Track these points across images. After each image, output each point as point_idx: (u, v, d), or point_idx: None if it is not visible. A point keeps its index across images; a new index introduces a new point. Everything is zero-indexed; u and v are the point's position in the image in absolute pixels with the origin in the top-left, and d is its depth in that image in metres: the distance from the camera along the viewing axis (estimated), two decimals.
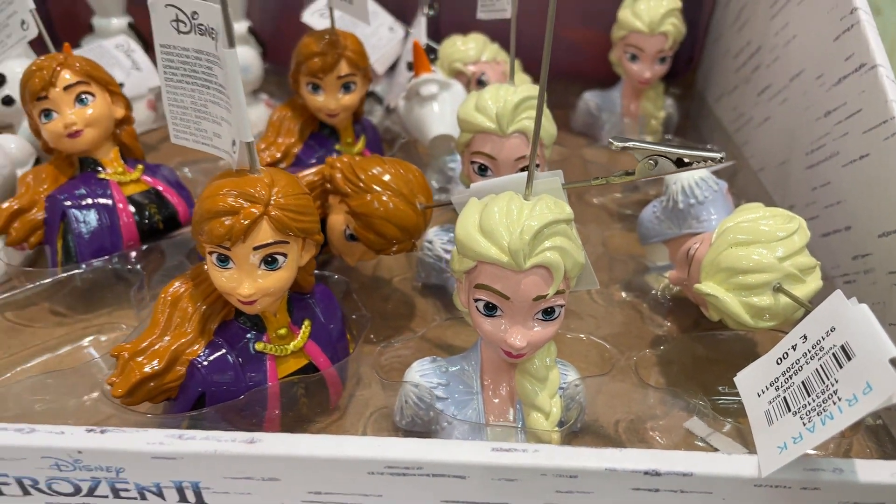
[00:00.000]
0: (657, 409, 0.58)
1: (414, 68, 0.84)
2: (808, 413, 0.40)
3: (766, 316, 0.54)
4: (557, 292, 0.46)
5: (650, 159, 0.46)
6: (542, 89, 0.44)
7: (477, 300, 0.47)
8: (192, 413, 0.51)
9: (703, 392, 0.59)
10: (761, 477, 0.39)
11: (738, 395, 0.46)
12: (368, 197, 0.59)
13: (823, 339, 0.41)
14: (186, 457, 0.41)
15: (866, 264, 0.63)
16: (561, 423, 0.51)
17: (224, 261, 0.48)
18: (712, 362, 0.63)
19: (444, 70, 0.96)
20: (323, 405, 0.57)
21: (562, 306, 0.47)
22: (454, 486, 0.42)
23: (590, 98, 1.07)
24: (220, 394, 0.50)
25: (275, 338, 0.52)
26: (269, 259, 0.48)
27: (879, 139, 0.61)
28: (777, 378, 0.44)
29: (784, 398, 0.42)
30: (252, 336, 0.52)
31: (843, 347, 0.39)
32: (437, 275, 0.72)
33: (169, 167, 0.75)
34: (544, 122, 0.62)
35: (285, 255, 0.48)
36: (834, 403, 0.38)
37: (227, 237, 0.46)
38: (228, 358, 0.51)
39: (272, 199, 0.47)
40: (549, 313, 0.47)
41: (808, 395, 0.40)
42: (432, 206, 0.61)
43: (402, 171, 0.61)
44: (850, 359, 0.38)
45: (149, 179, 0.71)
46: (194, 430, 0.42)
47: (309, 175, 0.62)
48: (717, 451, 0.53)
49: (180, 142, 0.53)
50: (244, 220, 0.46)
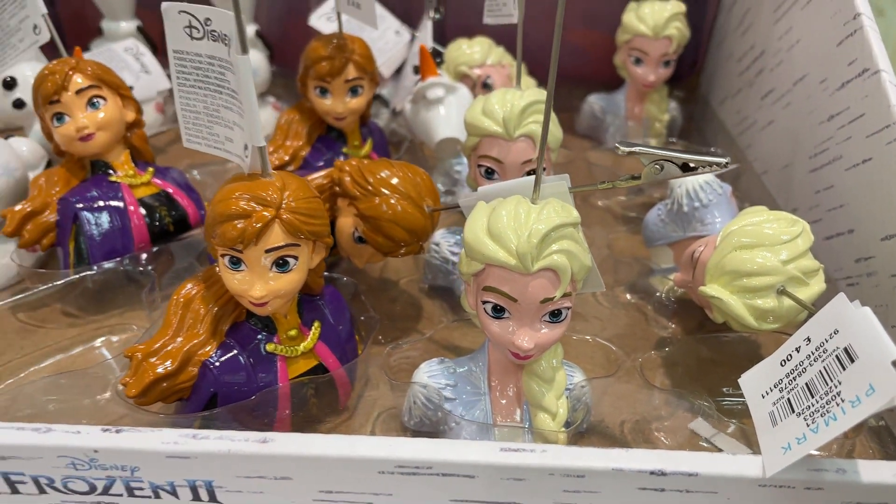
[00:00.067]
0: (662, 409, 0.58)
1: (420, 72, 0.84)
2: (811, 414, 0.40)
3: (770, 318, 0.54)
4: (564, 295, 0.46)
5: (656, 164, 0.47)
6: (549, 95, 0.45)
7: (485, 302, 0.47)
8: (204, 413, 0.52)
9: (708, 393, 0.59)
10: (766, 477, 0.40)
11: (742, 396, 0.47)
12: (377, 200, 0.59)
13: (827, 341, 0.41)
14: (200, 456, 0.42)
15: (869, 267, 0.63)
16: (567, 423, 0.51)
17: (236, 263, 0.48)
18: (716, 364, 0.63)
19: (449, 73, 0.96)
20: (332, 405, 0.57)
21: (568, 308, 0.48)
22: (463, 486, 0.42)
23: (594, 101, 1.07)
24: (232, 394, 0.51)
25: (285, 339, 0.53)
26: (281, 261, 0.48)
27: (882, 143, 0.62)
28: (781, 380, 0.44)
29: (788, 399, 0.42)
30: (263, 337, 0.52)
31: (846, 350, 0.39)
32: (444, 277, 0.72)
33: (178, 169, 0.76)
34: (550, 127, 0.63)
35: (296, 258, 0.49)
36: (837, 405, 0.38)
37: (240, 240, 0.46)
38: (240, 359, 0.51)
39: (284, 202, 0.47)
40: (556, 315, 0.47)
41: (812, 397, 0.41)
42: (440, 209, 0.62)
43: (409, 174, 0.61)
44: (853, 361, 0.39)
45: (159, 182, 0.71)
46: (208, 429, 0.42)
47: (318, 178, 0.63)
48: (722, 452, 0.54)
49: (192, 146, 0.53)
50: (256, 224, 0.46)
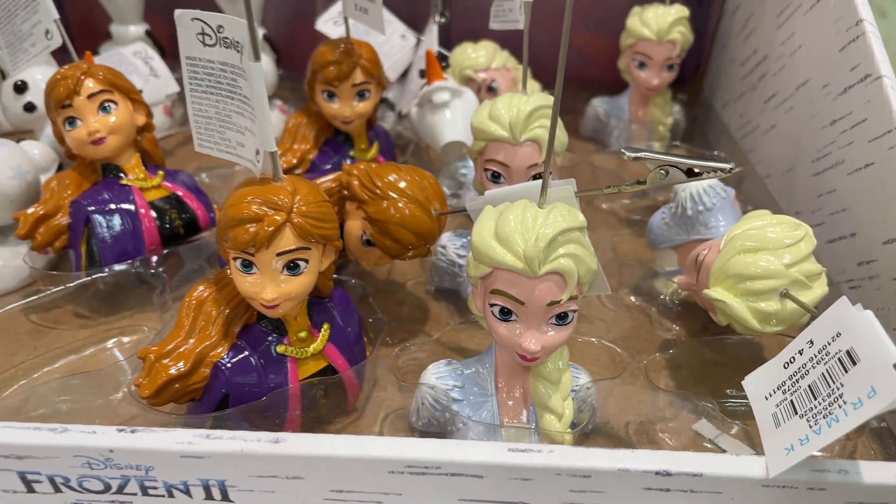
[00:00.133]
0: (666, 411, 0.59)
1: (426, 76, 0.85)
2: (814, 416, 0.40)
3: (773, 321, 0.55)
4: (571, 298, 0.47)
5: (661, 169, 0.47)
6: (556, 101, 0.46)
7: (492, 305, 0.48)
8: (216, 414, 0.52)
9: (712, 395, 0.60)
10: (769, 477, 0.40)
11: (746, 397, 0.47)
12: (385, 203, 0.60)
13: (829, 344, 0.42)
14: (214, 456, 0.42)
15: (871, 270, 0.64)
16: (573, 424, 0.52)
17: (248, 266, 0.49)
18: (720, 366, 0.64)
19: (454, 77, 0.97)
20: (341, 406, 0.58)
21: (575, 311, 0.48)
22: (471, 486, 0.43)
23: (598, 104, 1.08)
24: (244, 395, 0.52)
25: (295, 340, 0.54)
26: (292, 265, 0.49)
27: (884, 148, 0.62)
28: (784, 382, 0.44)
29: (791, 401, 0.43)
30: (273, 339, 0.53)
31: (848, 352, 0.40)
32: (451, 279, 0.73)
33: (187, 172, 0.77)
34: (556, 132, 0.64)
35: (307, 261, 0.50)
36: (839, 407, 0.39)
37: (252, 244, 0.47)
38: (251, 360, 0.52)
39: (295, 206, 0.48)
40: (562, 318, 0.48)
41: (815, 399, 0.41)
42: (447, 213, 0.63)
43: (417, 178, 0.62)
44: (855, 363, 0.39)
45: (169, 185, 0.72)
46: (221, 430, 0.43)
47: (326, 182, 0.64)
48: (726, 453, 0.54)
49: (204, 150, 0.54)
50: (268, 228, 0.47)
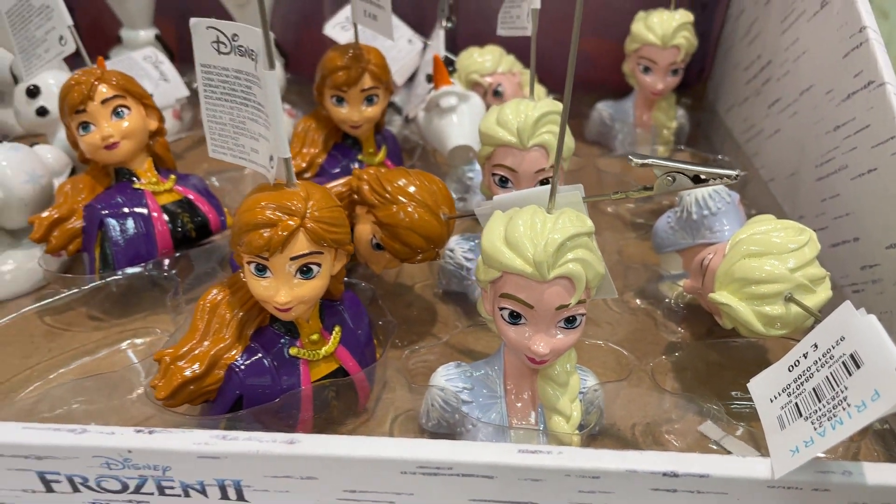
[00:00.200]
0: (672, 413, 0.59)
1: (434, 81, 0.86)
2: (818, 418, 0.41)
3: (778, 324, 0.55)
4: (579, 301, 0.47)
5: (668, 175, 0.48)
6: (565, 109, 0.46)
7: (502, 309, 0.49)
8: (229, 415, 0.53)
9: (717, 397, 0.60)
10: (774, 479, 0.41)
11: (751, 399, 0.48)
12: (394, 208, 0.61)
13: (833, 347, 0.42)
14: (230, 456, 0.43)
15: (874, 274, 0.64)
16: (581, 426, 0.53)
17: (262, 270, 0.50)
18: (725, 368, 0.64)
19: (461, 81, 0.98)
20: (352, 408, 0.59)
21: (583, 315, 0.49)
22: (482, 486, 0.43)
23: (603, 108, 1.09)
24: (257, 396, 0.53)
25: (307, 343, 0.54)
26: (305, 269, 0.50)
27: (887, 154, 0.63)
28: (789, 384, 0.45)
29: (796, 404, 0.43)
30: (286, 341, 0.54)
31: (852, 356, 0.41)
32: (459, 282, 0.73)
33: (198, 176, 0.77)
34: (565, 137, 0.64)
35: (319, 265, 0.51)
36: (844, 409, 0.40)
37: (266, 248, 0.48)
38: (265, 362, 0.53)
39: (308, 212, 0.49)
40: (570, 321, 0.48)
41: (819, 401, 0.42)
42: (456, 217, 0.63)
43: (426, 182, 0.62)
44: (858, 367, 0.40)
45: (180, 189, 0.73)
46: (237, 431, 0.44)
47: (337, 186, 0.64)
48: (731, 454, 0.55)
49: (218, 156, 0.55)
50: (282, 232, 0.48)
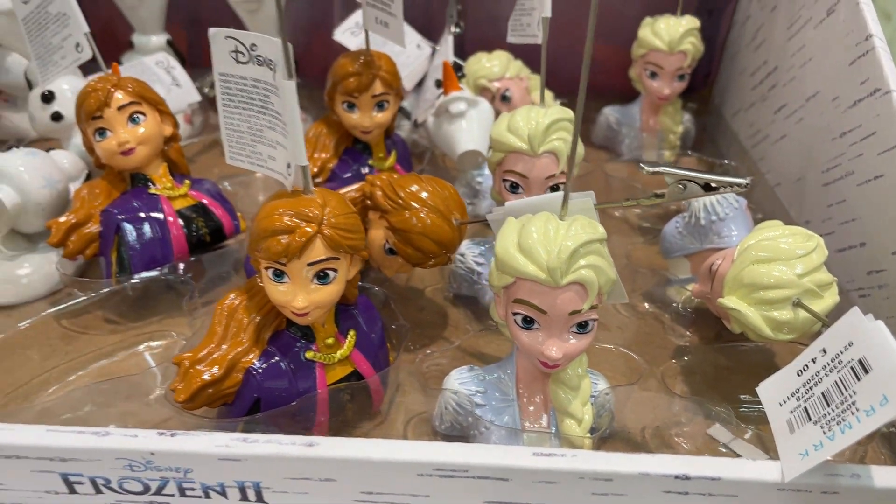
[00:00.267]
0: (681, 416, 0.60)
1: (443, 86, 0.87)
2: (827, 422, 0.41)
3: (786, 329, 0.56)
4: (591, 307, 0.48)
5: (680, 183, 0.49)
6: (577, 118, 0.47)
7: (515, 314, 0.49)
8: (246, 418, 0.54)
9: (725, 400, 0.61)
10: (784, 482, 0.41)
11: (759, 403, 0.48)
12: (407, 213, 0.61)
13: (842, 353, 0.43)
14: (251, 458, 0.44)
15: (881, 280, 0.65)
16: (592, 429, 0.54)
17: (279, 275, 0.51)
18: (733, 372, 0.65)
19: (469, 86, 0.98)
20: (366, 410, 0.60)
21: (595, 320, 0.49)
22: (497, 488, 0.44)
23: (609, 113, 1.09)
24: (275, 399, 0.53)
25: (323, 347, 0.55)
26: (321, 274, 0.51)
27: (893, 161, 0.63)
28: (798, 389, 0.46)
29: (805, 408, 0.44)
30: (302, 345, 0.55)
31: (860, 361, 0.41)
32: (469, 286, 0.74)
33: (211, 181, 0.78)
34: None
35: (336, 270, 0.51)
36: (852, 414, 0.40)
37: (284, 254, 0.49)
38: (282, 365, 0.53)
39: (325, 218, 0.50)
40: (583, 326, 0.49)
41: (828, 406, 0.42)
42: (467, 222, 0.64)
43: (438, 188, 0.63)
44: (867, 372, 0.40)
45: (195, 194, 0.74)
46: (257, 433, 0.45)
47: (350, 192, 0.65)
48: (740, 457, 0.56)
49: (235, 163, 0.56)
50: (300, 239, 0.49)
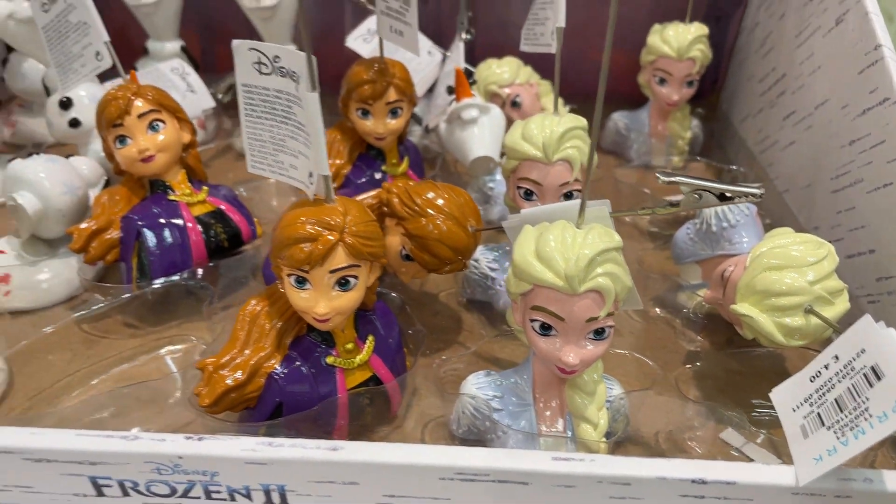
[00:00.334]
0: (694, 420, 0.61)
1: (456, 93, 0.88)
2: (841, 428, 0.42)
3: (798, 335, 0.57)
4: (608, 314, 0.49)
5: (695, 193, 0.50)
6: (595, 127, 0.48)
7: (533, 320, 0.50)
8: (268, 423, 0.55)
9: (737, 405, 0.62)
10: (799, 486, 0.42)
11: (770, 407, 0.49)
12: (424, 220, 0.62)
13: (854, 360, 0.43)
14: (276, 462, 0.44)
15: (890, 286, 0.66)
16: (608, 433, 0.54)
17: (302, 282, 0.52)
18: (745, 377, 0.66)
19: (479, 92, 0.99)
20: (384, 415, 0.61)
21: (611, 327, 0.50)
22: (516, 491, 0.45)
23: (618, 118, 1.10)
24: (296, 404, 0.54)
25: (343, 352, 0.56)
26: (343, 281, 0.52)
27: None
28: (811, 395, 0.46)
29: (818, 414, 0.45)
30: (322, 350, 0.56)
31: (872, 368, 0.42)
32: (483, 291, 0.75)
33: (227, 187, 0.79)
34: (586, 150, 0.66)
35: (356, 277, 0.52)
36: (865, 420, 0.41)
37: (307, 262, 0.50)
38: (303, 370, 0.54)
39: (346, 227, 0.51)
40: (599, 333, 0.50)
41: (841, 412, 0.43)
42: (483, 229, 0.65)
43: (454, 195, 0.64)
44: (879, 379, 0.41)
45: (213, 200, 0.75)
46: (282, 437, 0.46)
47: (367, 199, 0.66)
48: (753, 461, 0.57)
49: (256, 171, 0.57)
50: (322, 247, 0.50)
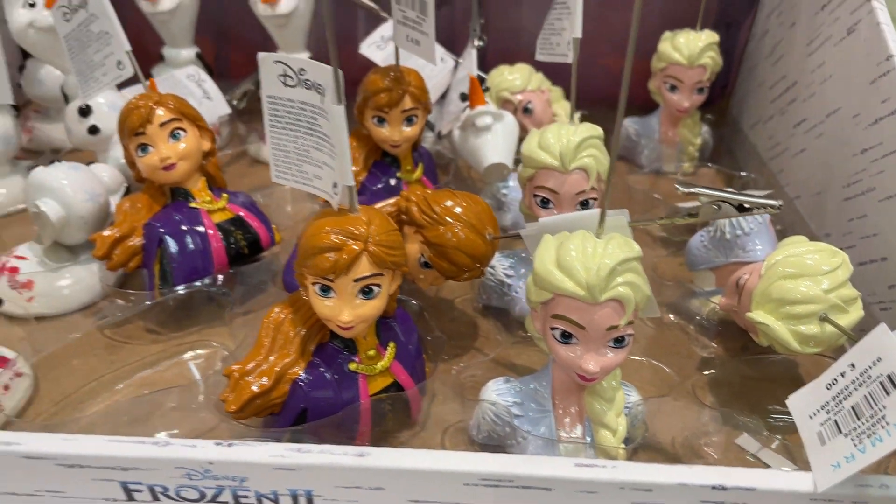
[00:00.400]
0: (710, 426, 0.62)
1: (469, 100, 0.89)
2: (858, 435, 0.43)
3: (813, 343, 0.58)
4: (627, 322, 0.50)
5: (714, 203, 0.51)
6: (616, 139, 0.49)
7: (554, 329, 0.51)
8: (291, 428, 0.56)
9: (752, 411, 0.63)
10: (817, 492, 0.43)
11: (785, 413, 0.50)
12: (442, 229, 0.63)
13: (870, 368, 0.44)
14: (304, 468, 0.45)
15: None
16: (626, 440, 0.55)
17: (326, 290, 0.53)
18: (760, 383, 0.67)
19: (491, 98, 1.00)
20: (404, 420, 0.62)
21: (631, 335, 0.51)
22: (540, 497, 0.46)
23: (629, 124, 1.11)
24: (320, 409, 0.55)
25: (365, 358, 0.57)
26: (366, 289, 0.53)
27: None
28: (827, 402, 0.47)
29: (835, 421, 0.45)
30: (345, 357, 0.57)
31: (889, 377, 0.42)
32: (499, 297, 0.76)
33: (245, 193, 0.80)
34: (602, 159, 0.67)
35: (379, 286, 0.53)
36: (882, 427, 0.42)
37: (332, 271, 0.51)
38: (326, 376, 0.55)
39: (370, 236, 0.52)
40: (619, 341, 0.51)
41: (858, 419, 0.44)
42: (500, 237, 0.66)
43: (472, 203, 0.65)
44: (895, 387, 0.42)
45: (232, 207, 0.76)
46: (309, 444, 0.46)
47: (386, 207, 0.67)
48: (769, 466, 0.58)
49: (280, 181, 0.58)
50: (347, 256, 0.51)
